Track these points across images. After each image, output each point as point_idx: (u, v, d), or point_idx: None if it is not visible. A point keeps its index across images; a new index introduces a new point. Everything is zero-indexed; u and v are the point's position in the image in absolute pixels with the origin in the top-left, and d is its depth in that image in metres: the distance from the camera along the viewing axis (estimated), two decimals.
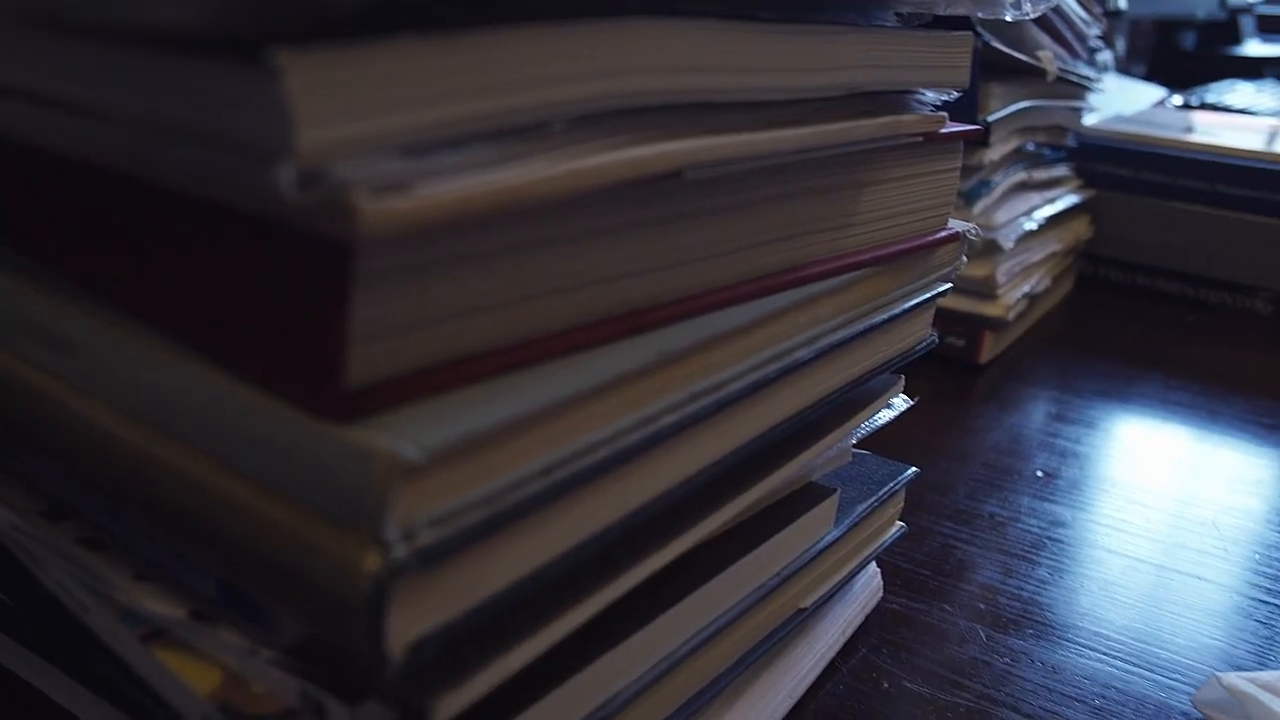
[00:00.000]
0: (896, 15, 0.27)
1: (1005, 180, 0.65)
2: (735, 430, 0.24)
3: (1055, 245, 0.72)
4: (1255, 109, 1.01)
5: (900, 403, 0.34)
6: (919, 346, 0.33)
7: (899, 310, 0.30)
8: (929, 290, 0.32)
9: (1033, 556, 0.44)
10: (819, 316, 0.26)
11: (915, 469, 0.37)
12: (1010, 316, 0.64)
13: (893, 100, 0.28)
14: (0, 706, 0.29)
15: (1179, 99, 1.06)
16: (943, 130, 0.29)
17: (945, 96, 0.30)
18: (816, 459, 0.31)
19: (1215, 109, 1.00)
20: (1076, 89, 0.75)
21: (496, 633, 0.20)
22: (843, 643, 0.36)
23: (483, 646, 0.19)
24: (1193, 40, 1.54)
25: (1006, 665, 0.36)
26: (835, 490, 0.32)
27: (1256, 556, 0.45)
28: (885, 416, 0.34)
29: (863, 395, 0.32)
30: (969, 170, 0.62)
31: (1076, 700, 0.35)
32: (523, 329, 0.19)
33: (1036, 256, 0.69)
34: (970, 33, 0.29)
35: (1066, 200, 0.75)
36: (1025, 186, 0.70)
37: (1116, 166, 0.81)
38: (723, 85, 0.21)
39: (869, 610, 0.38)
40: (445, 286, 0.18)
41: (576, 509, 0.20)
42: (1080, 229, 0.78)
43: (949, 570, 0.42)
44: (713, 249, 0.23)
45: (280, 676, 0.20)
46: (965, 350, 0.64)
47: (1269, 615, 0.41)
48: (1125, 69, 1.28)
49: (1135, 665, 0.37)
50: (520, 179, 0.17)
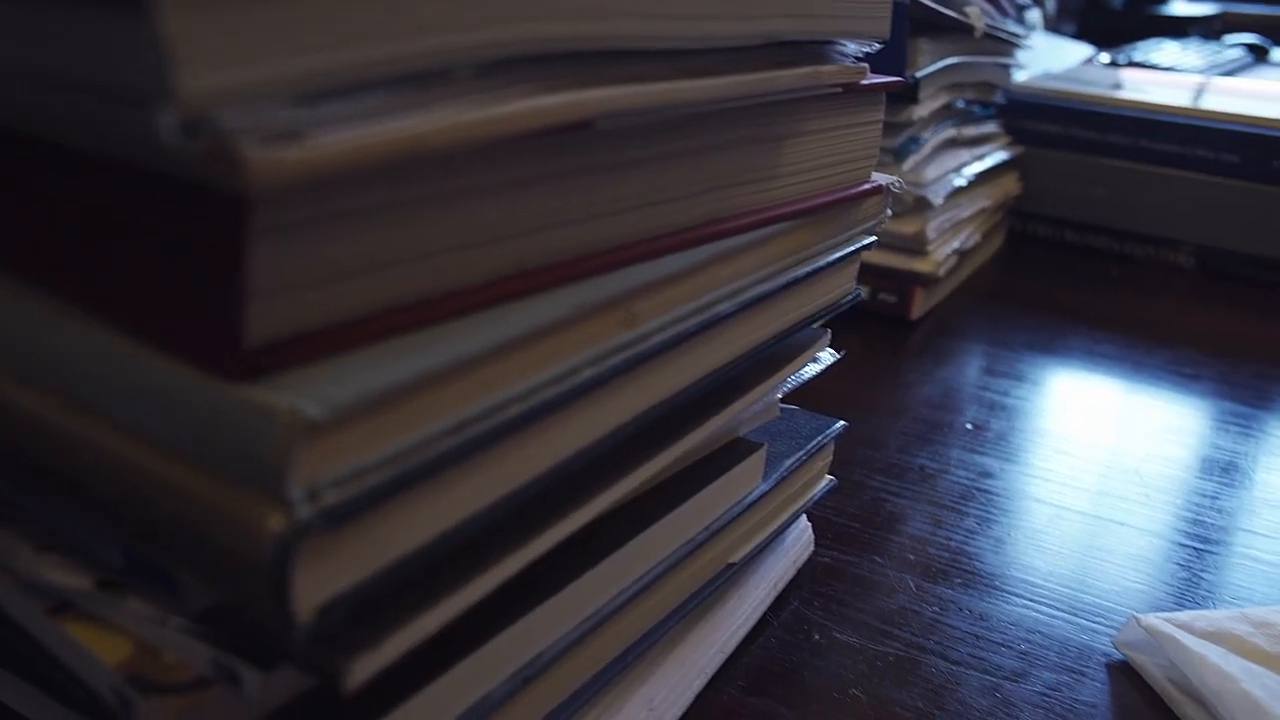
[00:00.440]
0: None
1: (934, 137, 0.66)
2: (657, 384, 0.24)
3: (985, 202, 0.73)
4: (1181, 67, 1.02)
5: (827, 356, 0.34)
6: (844, 300, 0.33)
7: (823, 263, 0.30)
8: (853, 244, 0.32)
9: (962, 507, 0.44)
10: (741, 270, 0.26)
11: (843, 422, 0.38)
12: (941, 272, 0.64)
13: (813, 51, 0.27)
14: None
15: (1106, 57, 1.07)
16: (864, 82, 0.29)
17: (866, 48, 0.30)
18: (743, 413, 0.31)
19: (1142, 67, 1.02)
20: (1005, 46, 0.76)
21: (413, 593, 0.20)
22: (774, 597, 0.36)
23: (399, 608, 0.19)
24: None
25: (935, 614, 0.37)
26: (763, 445, 0.32)
27: (1178, 502, 0.46)
28: (812, 371, 0.34)
29: (788, 349, 0.32)
30: (898, 127, 0.62)
31: (1003, 646, 0.36)
32: (434, 284, 0.19)
33: (966, 213, 0.69)
34: None
35: (996, 157, 0.76)
36: (955, 143, 0.71)
37: (1045, 123, 0.82)
38: (633, 31, 0.20)
39: (800, 564, 0.38)
40: (349, 241, 0.17)
41: (492, 466, 0.20)
42: (1009, 185, 0.79)
43: (880, 523, 0.43)
44: (630, 202, 0.23)
45: (191, 645, 0.19)
46: (897, 306, 0.64)
47: (1188, 558, 0.42)
48: (1054, 27, 1.29)
49: (1060, 610, 0.38)
50: (421, 128, 0.16)
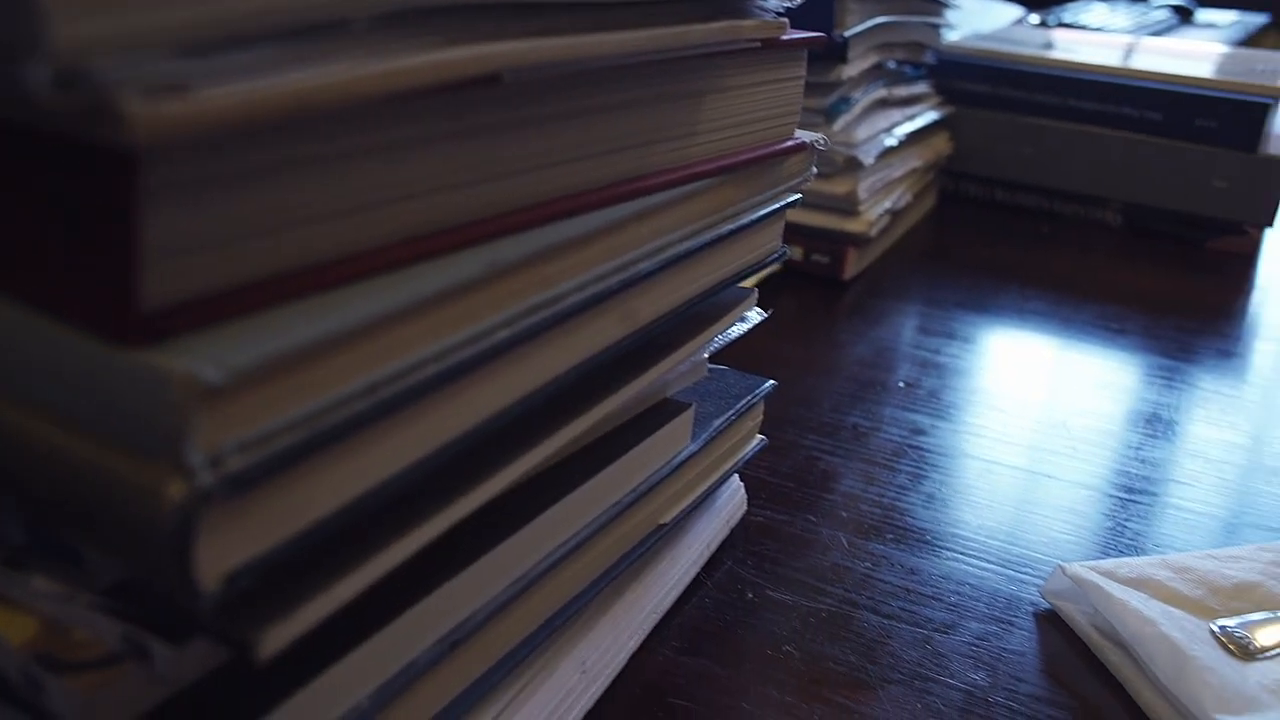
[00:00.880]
0: None
1: (865, 97, 0.66)
2: (577, 345, 0.24)
3: (916, 161, 0.73)
4: (1109, 28, 1.03)
5: (754, 315, 0.34)
6: (770, 258, 0.33)
7: (746, 221, 0.30)
8: (778, 201, 0.32)
9: (894, 465, 0.45)
10: (662, 228, 0.26)
11: (773, 382, 0.38)
12: (873, 232, 0.65)
13: (731, 5, 0.27)
14: None
15: (1036, 18, 1.08)
16: (784, 37, 0.29)
17: (788, 3, 0.29)
18: (670, 373, 0.31)
19: (1071, 28, 1.03)
20: (935, 6, 0.76)
21: (330, 560, 0.19)
22: (708, 557, 0.36)
23: (314, 575, 0.19)
24: None
25: (867, 570, 0.37)
26: (691, 405, 0.32)
27: (1105, 454, 0.47)
28: (739, 330, 0.34)
29: (714, 308, 0.31)
30: (828, 87, 0.62)
31: (933, 599, 0.36)
32: (341, 245, 0.18)
33: (897, 173, 0.70)
34: None
35: (926, 117, 0.76)
36: (885, 103, 0.71)
37: (975, 83, 0.82)
38: None
39: (734, 524, 0.38)
40: (247, 201, 0.17)
41: (409, 428, 0.19)
42: (940, 145, 0.80)
43: (813, 481, 0.43)
44: (545, 159, 0.22)
45: (100, 620, 0.19)
46: (830, 267, 0.65)
47: (1113, 508, 0.42)
48: None
49: (989, 562, 0.38)
50: (315, 81, 0.16)
